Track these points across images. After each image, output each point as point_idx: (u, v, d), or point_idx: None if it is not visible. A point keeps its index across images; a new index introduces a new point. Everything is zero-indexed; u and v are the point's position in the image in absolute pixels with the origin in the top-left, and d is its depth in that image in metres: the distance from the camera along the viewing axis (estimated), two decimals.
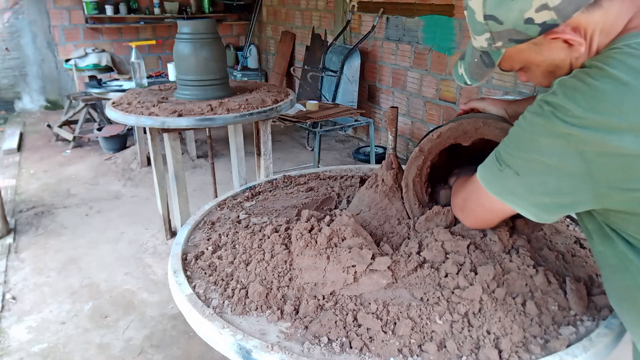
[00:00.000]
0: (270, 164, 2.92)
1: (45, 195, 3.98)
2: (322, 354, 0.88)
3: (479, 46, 0.88)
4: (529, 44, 0.82)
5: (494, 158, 0.88)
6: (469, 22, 0.88)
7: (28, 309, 2.57)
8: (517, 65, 0.89)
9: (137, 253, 3.11)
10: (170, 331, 2.40)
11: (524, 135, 0.82)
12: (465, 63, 0.95)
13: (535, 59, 0.85)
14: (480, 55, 0.90)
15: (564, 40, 0.79)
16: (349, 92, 4.85)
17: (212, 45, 2.55)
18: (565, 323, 0.94)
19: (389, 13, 4.61)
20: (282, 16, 6.59)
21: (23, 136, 5.52)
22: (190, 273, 1.15)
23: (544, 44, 0.81)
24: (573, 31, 0.78)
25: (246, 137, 3.23)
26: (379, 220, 1.24)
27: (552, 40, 0.79)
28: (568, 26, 0.77)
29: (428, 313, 0.94)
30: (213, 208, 1.48)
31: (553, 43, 0.80)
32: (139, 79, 3.52)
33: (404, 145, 4.76)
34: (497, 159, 0.87)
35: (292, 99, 2.79)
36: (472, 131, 1.11)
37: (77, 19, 6.44)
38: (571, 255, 1.13)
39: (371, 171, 1.72)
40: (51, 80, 6.63)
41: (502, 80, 3.62)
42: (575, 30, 0.78)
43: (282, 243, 1.14)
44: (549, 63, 0.84)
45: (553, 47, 0.81)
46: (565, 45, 0.79)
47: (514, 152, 0.84)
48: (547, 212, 0.85)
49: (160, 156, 3.09)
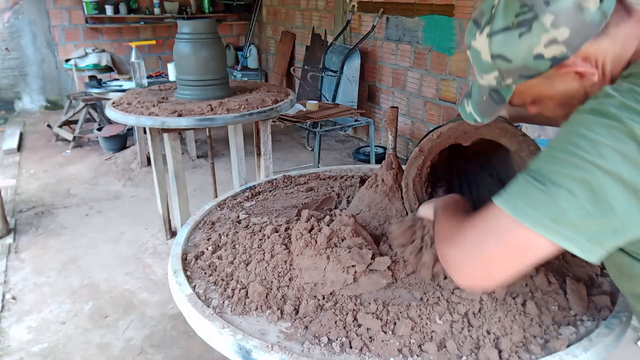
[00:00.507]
0: (270, 164, 2.92)
1: (45, 195, 3.98)
2: (322, 354, 0.88)
3: (487, 84, 0.85)
4: (540, 79, 0.79)
5: (529, 177, 0.70)
6: (474, 62, 0.84)
7: (28, 309, 2.57)
8: (529, 99, 0.86)
9: (137, 253, 3.11)
10: (170, 331, 2.40)
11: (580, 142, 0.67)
12: (473, 101, 0.90)
13: (548, 92, 0.83)
14: (489, 93, 0.86)
15: (576, 72, 0.77)
16: (349, 92, 4.85)
17: (212, 45, 2.55)
18: (565, 323, 0.94)
19: (389, 13, 4.61)
20: (282, 16, 6.58)
21: (23, 136, 5.52)
22: (190, 273, 1.15)
23: (556, 77, 0.79)
24: (584, 61, 0.76)
25: (246, 137, 3.23)
26: (379, 220, 1.24)
27: (564, 73, 0.78)
28: (578, 57, 0.76)
29: (428, 313, 0.94)
30: (213, 208, 1.48)
31: (565, 75, 0.78)
32: (139, 79, 3.52)
33: (404, 145, 4.76)
34: (535, 177, 0.70)
35: (292, 99, 2.79)
36: (472, 131, 1.11)
37: (77, 19, 6.44)
38: (571, 255, 1.13)
39: (371, 171, 1.72)
40: (51, 80, 6.63)
41: None
42: (585, 60, 0.76)
43: (282, 243, 1.14)
44: (563, 94, 0.82)
45: (566, 79, 0.79)
46: (578, 76, 0.78)
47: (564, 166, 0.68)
48: (599, 243, 0.68)
49: (160, 156, 3.09)
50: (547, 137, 2.88)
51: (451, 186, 1.32)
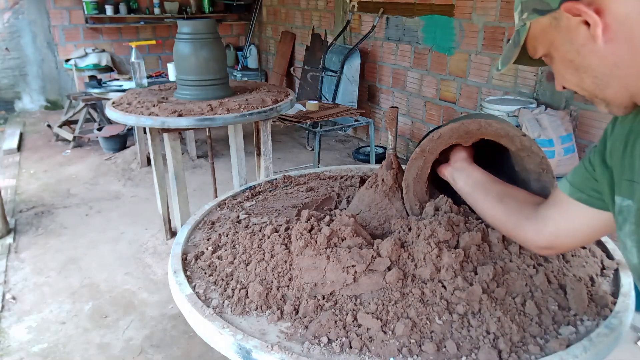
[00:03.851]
0: (270, 164, 2.92)
1: (45, 195, 3.98)
2: (322, 354, 0.88)
3: (515, 24, 0.84)
4: (550, 19, 0.76)
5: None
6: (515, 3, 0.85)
7: (28, 309, 2.57)
8: (540, 46, 0.82)
9: (137, 253, 3.11)
10: (170, 331, 2.40)
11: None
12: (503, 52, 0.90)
13: (556, 40, 0.78)
14: (513, 36, 0.85)
15: (584, 22, 0.72)
16: (349, 92, 4.86)
17: (212, 45, 2.55)
18: (565, 323, 0.94)
19: (389, 13, 4.61)
20: (282, 16, 6.59)
21: (23, 136, 5.52)
22: (190, 273, 1.15)
23: (563, 19, 0.75)
24: (595, 12, 0.69)
25: (246, 137, 3.23)
26: (379, 220, 1.24)
27: (571, 17, 0.74)
28: (592, 5, 0.70)
29: (427, 313, 0.94)
30: (213, 208, 1.48)
31: (572, 20, 0.74)
32: (139, 79, 3.52)
33: (404, 145, 4.76)
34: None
35: (292, 99, 2.79)
36: (473, 131, 1.11)
37: (77, 19, 6.45)
38: (571, 255, 1.13)
39: (371, 171, 1.72)
40: (51, 80, 6.63)
41: (502, 80, 3.62)
42: (598, 13, 0.69)
43: (282, 243, 1.14)
44: (568, 47, 0.76)
45: (572, 25, 0.74)
46: (585, 27, 0.72)
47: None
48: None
49: (160, 156, 3.09)
50: (547, 137, 2.88)
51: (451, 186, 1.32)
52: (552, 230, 0.91)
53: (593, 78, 0.75)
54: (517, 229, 0.98)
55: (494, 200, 1.04)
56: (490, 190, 1.06)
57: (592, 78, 0.75)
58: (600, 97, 0.77)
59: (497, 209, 1.02)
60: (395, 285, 1.01)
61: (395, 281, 1.02)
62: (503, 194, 1.04)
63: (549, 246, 0.94)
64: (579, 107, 3.13)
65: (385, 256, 1.05)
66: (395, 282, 1.02)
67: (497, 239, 1.10)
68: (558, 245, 0.94)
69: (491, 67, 3.69)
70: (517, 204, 1.00)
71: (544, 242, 0.94)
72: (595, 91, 0.77)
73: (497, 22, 3.58)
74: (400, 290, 1.00)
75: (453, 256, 1.03)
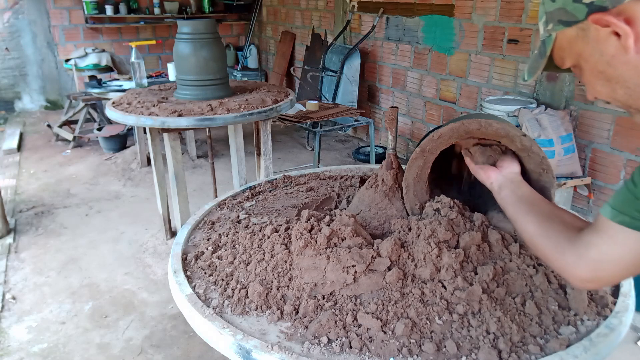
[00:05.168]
0: (270, 164, 2.92)
1: (45, 195, 3.98)
2: (322, 354, 0.88)
3: (540, 34, 0.82)
4: (577, 31, 0.75)
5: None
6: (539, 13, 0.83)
7: (28, 309, 2.57)
8: (567, 57, 0.80)
9: (137, 253, 3.11)
10: (170, 331, 2.40)
11: None
12: (529, 62, 0.88)
13: (584, 51, 0.76)
14: (538, 47, 0.83)
15: (614, 33, 0.70)
16: (349, 92, 4.85)
17: (212, 45, 2.55)
18: (565, 323, 0.94)
19: (389, 13, 4.61)
20: (282, 16, 6.59)
21: (23, 136, 5.52)
22: (190, 273, 1.15)
23: (592, 30, 0.73)
24: (626, 23, 0.68)
25: (246, 137, 3.23)
26: (379, 220, 1.24)
27: (600, 28, 0.72)
28: (621, 15, 0.68)
29: (427, 313, 0.94)
30: (213, 208, 1.48)
31: (600, 31, 0.72)
32: (139, 79, 3.52)
33: (404, 145, 4.76)
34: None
35: (292, 99, 2.79)
36: (473, 131, 1.11)
37: (77, 19, 6.45)
38: None
39: (371, 171, 1.72)
40: (51, 80, 6.63)
41: (502, 80, 3.62)
42: (628, 22, 0.68)
43: (282, 243, 1.14)
44: (597, 59, 0.75)
45: (601, 36, 0.72)
46: (615, 38, 0.70)
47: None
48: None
49: (160, 156, 3.09)
50: (547, 137, 2.88)
51: (451, 186, 1.32)
52: (595, 256, 0.79)
53: (626, 89, 0.74)
54: (557, 250, 0.86)
55: (538, 215, 0.94)
56: (537, 205, 0.98)
57: (625, 89, 0.74)
58: (634, 107, 0.76)
59: (539, 226, 0.92)
60: (395, 285, 1.01)
61: (395, 281, 1.02)
62: (550, 212, 0.94)
63: (591, 277, 0.81)
64: (579, 107, 3.13)
65: (385, 256, 1.05)
66: (395, 282, 1.02)
67: (497, 239, 1.10)
68: (602, 276, 0.81)
69: (491, 67, 3.69)
70: (563, 225, 0.89)
71: (585, 270, 0.81)
72: (629, 101, 0.75)
73: (497, 22, 3.57)
74: (400, 290, 1.00)
75: (453, 256, 1.03)
